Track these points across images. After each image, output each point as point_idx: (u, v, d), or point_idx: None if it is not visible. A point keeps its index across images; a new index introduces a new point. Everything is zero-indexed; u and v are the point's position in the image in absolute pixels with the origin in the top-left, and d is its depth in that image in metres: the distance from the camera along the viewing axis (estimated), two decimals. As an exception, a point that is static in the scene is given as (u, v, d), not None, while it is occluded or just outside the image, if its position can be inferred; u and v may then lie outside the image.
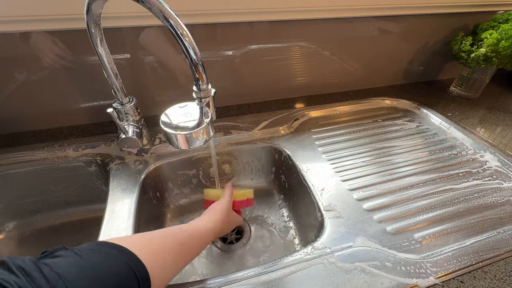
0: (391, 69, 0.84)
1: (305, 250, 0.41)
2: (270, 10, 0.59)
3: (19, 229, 0.59)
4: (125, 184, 0.51)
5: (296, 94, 0.78)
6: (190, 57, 0.33)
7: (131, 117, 0.52)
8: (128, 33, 0.55)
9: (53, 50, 0.52)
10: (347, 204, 0.49)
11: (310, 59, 0.72)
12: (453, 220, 0.46)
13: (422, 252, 0.41)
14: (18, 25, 0.49)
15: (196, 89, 0.38)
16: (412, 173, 0.56)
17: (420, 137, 0.66)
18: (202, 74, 0.36)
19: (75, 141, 0.59)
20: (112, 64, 0.45)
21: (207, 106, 0.40)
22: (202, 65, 0.35)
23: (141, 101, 0.54)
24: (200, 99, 0.39)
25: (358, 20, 0.68)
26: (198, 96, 0.38)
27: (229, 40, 0.62)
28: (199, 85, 0.37)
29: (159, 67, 0.61)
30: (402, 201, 0.50)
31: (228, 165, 0.64)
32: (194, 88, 0.38)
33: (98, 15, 0.38)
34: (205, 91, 0.38)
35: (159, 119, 0.38)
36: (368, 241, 0.42)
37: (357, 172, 0.55)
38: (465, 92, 0.80)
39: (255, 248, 0.57)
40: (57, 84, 0.57)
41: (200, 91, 0.38)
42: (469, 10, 0.75)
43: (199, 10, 0.55)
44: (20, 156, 0.55)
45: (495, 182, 0.54)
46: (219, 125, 0.65)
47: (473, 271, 0.39)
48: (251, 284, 0.37)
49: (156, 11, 0.31)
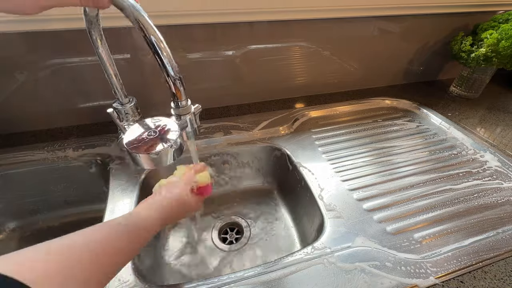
0: (391, 69, 0.84)
1: (305, 250, 0.41)
2: (270, 10, 0.59)
3: (19, 229, 0.59)
4: (125, 184, 0.51)
5: (296, 94, 0.78)
6: (167, 72, 0.31)
7: (131, 117, 0.52)
8: (128, 33, 0.55)
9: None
10: (347, 204, 0.49)
11: (310, 59, 0.72)
12: (453, 220, 0.46)
13: (422, 252, 0.41)
14: (18, 25, 0.49)
15: (174, 106, 0.35)
16: (412, 173, 0.56)
17: (420, 137, 0.66)
18: (180, 90, 0.33)
19: (75, 141, 0.59)
20: (112, 64, 0.45)
21: (186, 122, 0.36)
22: (181, 80, 0.32)
23: (141, 101, 0.54)
24: (178, 116, 0.35)
25: (358, 20, 0.68)
26: (177, 113, 0.35)
27: (229, 40, 0.62)
28: (176, 102, 0.34)
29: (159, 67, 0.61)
30: (402, 201, 0.50)
31: (228, 164, 0.64)
32: (172, 105, 0.35)
33: (95, 16, 0.38)
34: (184, 108, 0.35)
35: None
36: (368, 241, 0.42)
37: (357, 172, 0.55)
38: (465, 92, 0.80)
39: (255, 248, 0.57)
40: (57, 84, 0.57)
41: (179, 108, 0.35)
42: (469, 10, 0.75)
43: (199, 10, 0.55)
44: (20, 156, 0.55)
45: (495, 182, 0.54)
46: (219, 125, 0.65)
47: (473, 271, 0.39)
48: (251, 284, 0.37)
49: (133, 20, 0.29)
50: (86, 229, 0.26)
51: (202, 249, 0.56)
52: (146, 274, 0.42)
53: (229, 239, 0.59)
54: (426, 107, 0.76)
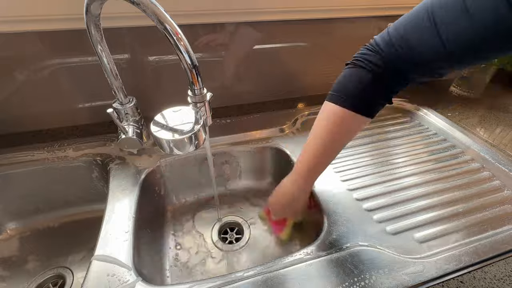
0: (391, 69, 0.84)
1: (305, 250, 0.41)
2: (270, 10, 0.59)
3: (19, 229, 0.59)
4: (125, 184, 0.51)
5: (296, 94, 0.78)
6: (185, 61, 0.33)
7: (131, 117, 0.52)
8: (128, 33, 0.55)
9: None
10: (347, 204, 0.49)
11: (310, 59, 0.72)
12: (453, 220, 0.46)
13: (422, 252, 0.41)
14: (19, 25, 0.49)
15: (191, 94, 0.37)
16: (412, 173, 0.56)
17: (420, 137, 0.66)
18: (197, 78, 0.35)
19: (75, 141, 0.59)
20: (112, 64, 0.45)
21: (202, 110, 0.39)
22: (197, 69, 0.34)
23: (141, 101, 0.54)
24: (195, 104, 0.38)
25: (358, 20, 0.68)
26: (193, 101, 0.38)
27: (229, 40, 0.62)
28: (193, 90, 0.37)
29: (159, 67, 0.61)
30: (402, 201, 0.50)
31: (228, 165, 0.64)
32: (189, 93, 0.37)
33: (97, 16, 0.38)
34: (200, 96, 0.37)
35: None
36: (368, 241, 0.42)
37: (357, 172, 0.55)
38: (465, 92, 0.80)
39: (255, 248, 0.57)
40: (57, 84, 0.57)
41: (195, 96, 0.37)
42: (469, 10, 0.75)
43: (199, 10, 0.55)
44: (20, 156, 0.55)
45: (495, 182, 0.54)
46: (219, 125, 0.65)
47: (473, 271, 0.39)
48: (251, 284, 0.37)
49: (150, 13, 0.30)
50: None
51: (202, 249, 0.56)
52: (146, 274, 0.42)
53: (229, 239, 0.59)
54: (426, 107, 0.76)
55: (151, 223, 0.54)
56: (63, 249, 0.56)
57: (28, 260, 0.54)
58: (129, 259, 0.39)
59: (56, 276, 0.53)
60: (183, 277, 0.51)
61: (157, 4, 0.31)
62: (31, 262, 0.54)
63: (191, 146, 0.37)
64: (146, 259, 0.46)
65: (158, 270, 0.50)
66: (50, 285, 0.52)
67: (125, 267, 0.38)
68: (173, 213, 0.62)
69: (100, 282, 0.37)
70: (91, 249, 0.41)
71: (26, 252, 0.55)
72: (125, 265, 0.39)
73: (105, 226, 0.43)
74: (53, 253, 0.55)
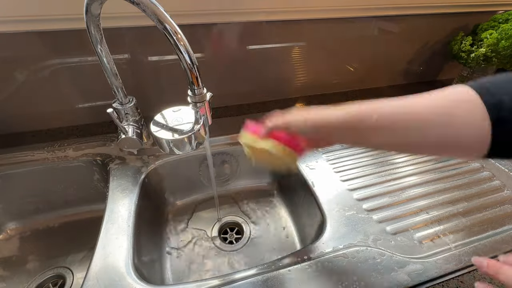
0: (391, 69, 0.84)
1: (305, 250, 0.41)
2: (270, 10, 0.59)
3: (19, 229, 0.59)
4: (125, 184, 0.51)
5: (296, 94, 0.78)
6: (185, 61, 0.33)
7: (131, 117, 0.52)
8: (128, 33, 0.55)
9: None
10: (347, 204, 0.49)
11: (310, 59, 0.72)
12: (453, 220, 0.46)
13: (422, 252, 0.41)
14: (19, 25, 0.49)
15: (191, 93, 0.37)
16: (411, 173, 0.56)
17: (420, 137, 0.66)
18: (197, 78, 0.35)
19: (75, 141, 0.59)
20: (112, 64, 0.45)
21: (202, 110, 0.39)
22: (197, 69, 0.34)
23: (141, 101, 0.54)
24: (195, 104, 0.38)
25: (358, 20, 0.68)
26: (193, 101, 0.38)
27: (229, 40, 0.62)
28: (193, 90, 0.37)
29: (159, 67, 0.61)
30: (402, 201, 0.50)
31: (228, 165, 0.64)
32: (189, 92, 0.37)
33: (97, 16, 0.38)
34: (200, 96, 0.37)
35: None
36: (368, 241, 0.42)
37: (357, 172, 0.55)
38: (465, 92, 0.80)
39: (255, 248, 0.57)
40: (57, 84, 0.57)
41: (195, 96, 0.37)
42: (469, 10, 0.75)
43: (199, 10, 0.55)
44: (20, 156, 0.55)
45: (495, 182, 0.54)
46: (219, 125, 0.65)
47: (473, 271, 0.39)
48: (251, 284, 0.37)
49: (150, 13, 0.31)
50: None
51: (202, 249, 0.56)
52: (146, 274, 0.42)
53: (229, 239, 0.59)
54: (426, 107, 0.75)
55: (151, 223, 0.54)
56: (63, 249, 0.56)
57: (28, 260, 0.54)
58: (129, 259, 0.39)
59: (56, 276, 0.53)
60: (183, 277, 0.51)
61: (157, 4, 0.31)
62: (31, 262, 0.54)
63: (191, 146, 0.37)
64: (146, 259, 0.46)
65: (158, 270, 0.51)
66: (50, 285, 0.52)
67: (125, 267, 0.38)
68: (173, 213, 0.62)
69: (100, 282, 0.37)
70: (91, 249, 0.41)
71: (26, 252, 0.55)
72: (125, 265, 0.39)
73: (105, 226, 0.44)
74: (53, 253, 0.55)
